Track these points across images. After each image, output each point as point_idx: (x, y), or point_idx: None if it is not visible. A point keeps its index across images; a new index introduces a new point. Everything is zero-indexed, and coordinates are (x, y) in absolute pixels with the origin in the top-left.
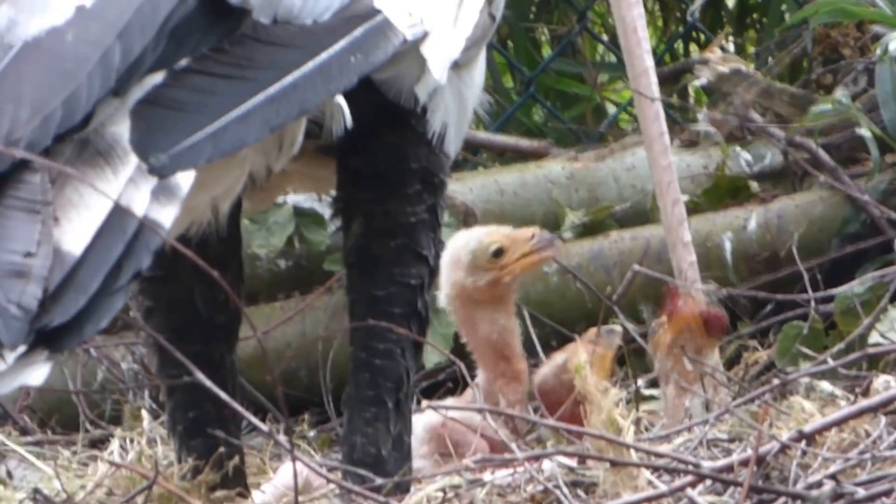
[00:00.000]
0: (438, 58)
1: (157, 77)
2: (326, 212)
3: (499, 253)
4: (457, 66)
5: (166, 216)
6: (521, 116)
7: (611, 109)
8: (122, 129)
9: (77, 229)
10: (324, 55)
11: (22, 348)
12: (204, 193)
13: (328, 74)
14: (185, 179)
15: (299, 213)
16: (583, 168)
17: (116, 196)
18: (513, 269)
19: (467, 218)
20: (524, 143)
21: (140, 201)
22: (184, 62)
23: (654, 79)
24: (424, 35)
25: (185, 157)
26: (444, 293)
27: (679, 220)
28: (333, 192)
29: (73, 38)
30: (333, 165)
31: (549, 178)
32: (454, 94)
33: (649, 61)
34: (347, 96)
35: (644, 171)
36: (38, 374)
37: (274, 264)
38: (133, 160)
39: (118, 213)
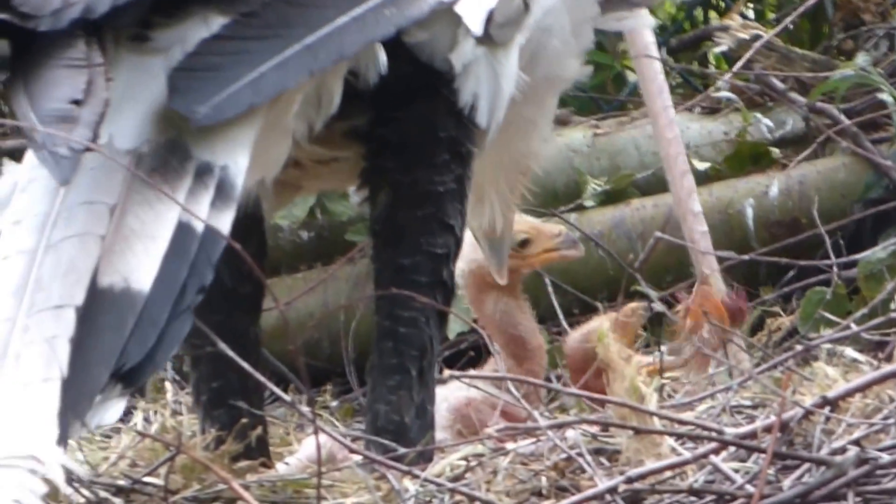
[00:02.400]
0: (474, 12)
1: (189, 44)
2: None
3: (524, 243)
4: (492, 44)
5: (224, 221)
6: None
7: (631, 77)
8: (173, 136)
9: (143, 263)
10: (357, 10)
11: (100, 397)
12: (255, 173)
13: (364, 24)
14: (238, 177)
15: None
16: (604, 136)
17: (178, 217)
18: (533, 262)
19: None
20: None
21: (200, 214)
22: (215, 27)
23: (654, 51)
24: None
25: (226, 105)
26: (458, 267)
27: (688, 191)
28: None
29: None
30: (358, 150)
31: (570, 147)
32: (488, 68)
33: (650, 36)
34: None
35: None
36: (113, 411)
37: (296, 235)
38: (190, 171)
39: (181, 236)
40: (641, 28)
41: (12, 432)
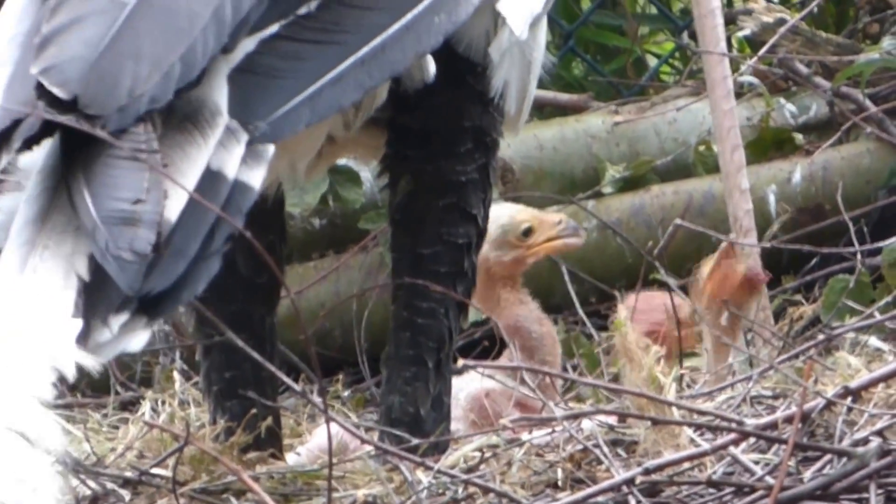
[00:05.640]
0: (518, 14)
1: (249, 44)
2: (362, 169)
3: (528, 232)
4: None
5: (255, 178)
6: (560, 70)
7: (651, 62)
8: (207, 92)
9: (171, 195)
10: (409, 16)
11: (125, 316)
12: (285, 155)
13: (416, 35)
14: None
15: (334, 170)
16: (623, 122)
17: (208, 161)
18: (537, 251)
19: (505, 174)
20: (563, 97)
21: (231, 164)
22: (274, 28)
23: (720, 20)
24: None
25: (285, 124)
26: None
27: (738, 166)
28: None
29: None
30: (380, 136)
31: (589, 133)
32: (519, 54)
33: (716, 1)
34: None
35: (686, 125)
36: (137, 340)
37: (308, 223)
38: (221, 123)
39: (210, 177)
40: None
41: (27, 330)
